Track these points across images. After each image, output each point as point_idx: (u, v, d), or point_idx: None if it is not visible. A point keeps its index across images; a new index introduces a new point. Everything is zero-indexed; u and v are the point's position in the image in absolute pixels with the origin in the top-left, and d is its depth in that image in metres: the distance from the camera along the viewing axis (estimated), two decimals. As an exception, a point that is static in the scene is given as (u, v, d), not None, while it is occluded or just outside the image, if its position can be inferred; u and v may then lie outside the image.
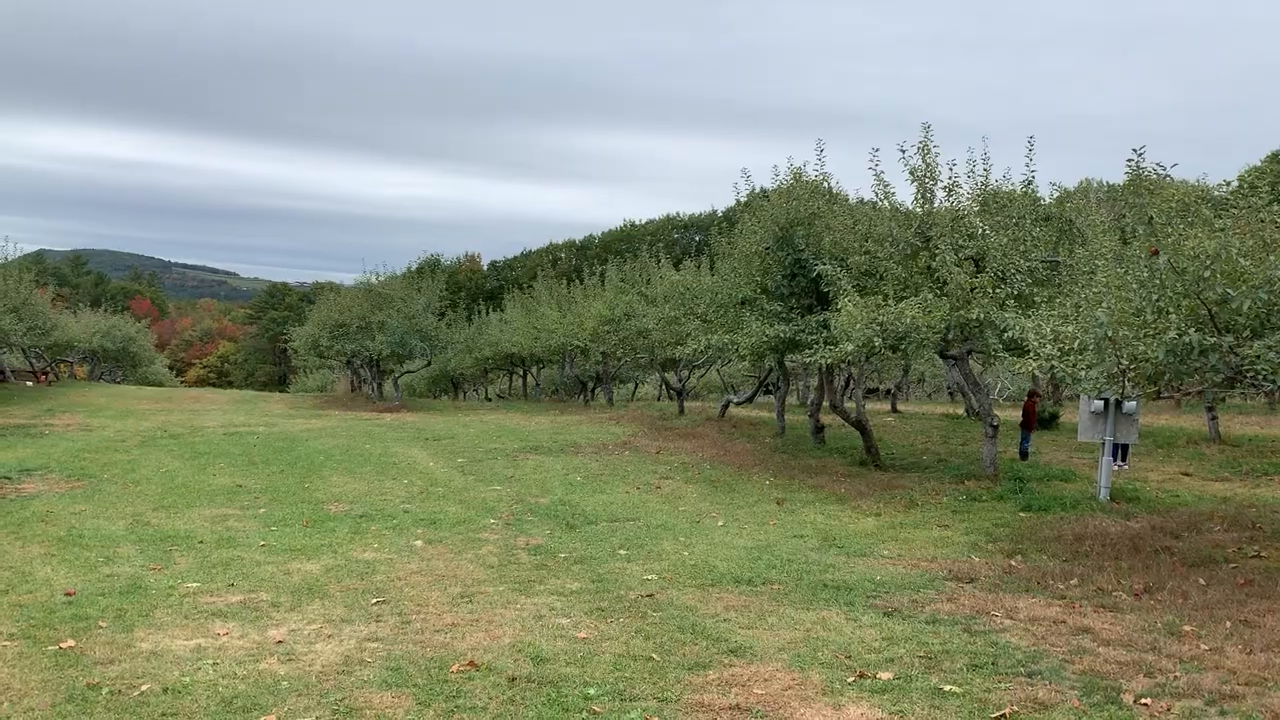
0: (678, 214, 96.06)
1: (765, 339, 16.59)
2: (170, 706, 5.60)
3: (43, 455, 17.27)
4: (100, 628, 7.09)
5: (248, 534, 10.78)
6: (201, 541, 10.30)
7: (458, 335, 36.73)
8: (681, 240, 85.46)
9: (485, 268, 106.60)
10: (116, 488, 13.89)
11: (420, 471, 16.23)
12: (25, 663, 6.28)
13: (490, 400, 45.25)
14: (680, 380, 29.88)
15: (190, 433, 21.88)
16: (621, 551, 10.19)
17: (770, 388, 26.23)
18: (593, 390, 37.77)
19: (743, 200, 19.87)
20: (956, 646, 6.92)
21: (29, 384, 39.07)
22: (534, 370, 43.18)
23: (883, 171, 15.65)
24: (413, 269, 42.00)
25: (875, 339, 13.73)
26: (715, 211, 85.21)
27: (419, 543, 10.53)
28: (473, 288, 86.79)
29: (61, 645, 6.64)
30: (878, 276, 15.39)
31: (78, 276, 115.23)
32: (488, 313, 45.14)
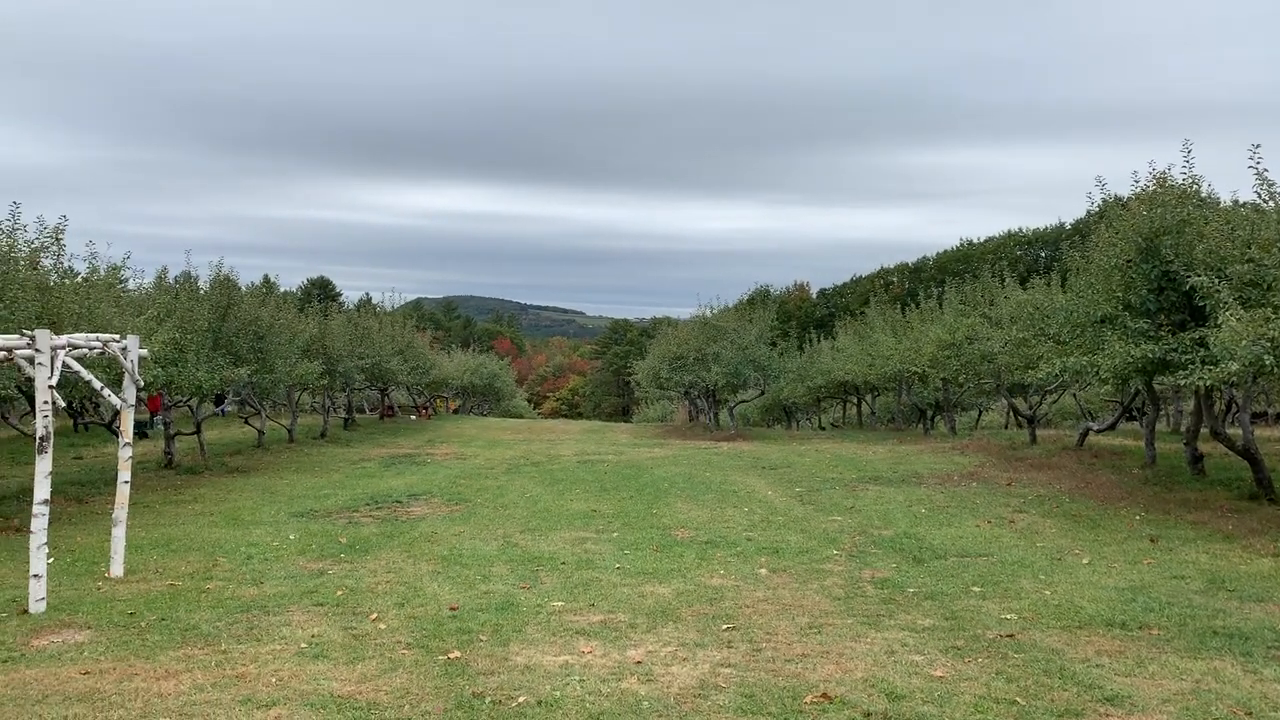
0: (1019, 229, 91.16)
1: (1130, 360, 15.19)
2: (544, 719, 6.00)
3: (426, 481, 19.27)
4: (480, 641, 7.75)
5: (603, 556, 11.38)
6: (564, 563, 11.01)
7: (790, 364, 36.93)
8: (1025, 257, 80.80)
9: (814, 296, 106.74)
10: (488, 511, 15.19)
11: (759, 500, 16.39)
12: (421, 670, 6.98)
13: (823, 429, 44.93)
14: (1031, 407, 28.07)
15: (548, 460, 23.54)
16: (975, 588, 9.69)
17: (1135, 413, 23.97)
18: (932, 418, 36.43)
19: (1096, 210, 18.40)
20: (1393, 713, 5.92)
21: (413, 418, 43.97)
22: (868, 398, 42.39)
23: (1266, 170, 13.91)
24: (744, 301, 42.80)
25: (1265, 357, 12.16)
26: (1063, 225, 79.85)
27: (763, 571, 10.60)
28: (802, 316, 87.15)
29: (449, 656, 7.32)
30: (1264, 286, 13.63)
31: (449, 321, 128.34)
32: (819, 340, 45.01)
